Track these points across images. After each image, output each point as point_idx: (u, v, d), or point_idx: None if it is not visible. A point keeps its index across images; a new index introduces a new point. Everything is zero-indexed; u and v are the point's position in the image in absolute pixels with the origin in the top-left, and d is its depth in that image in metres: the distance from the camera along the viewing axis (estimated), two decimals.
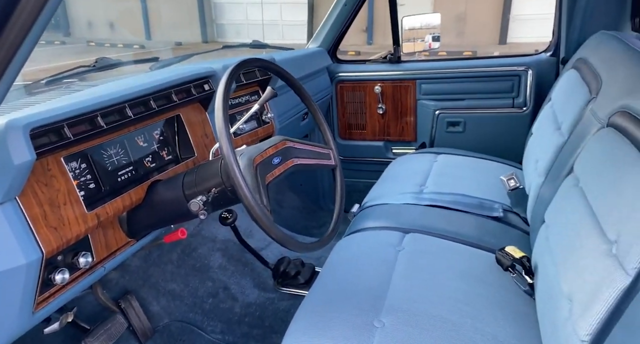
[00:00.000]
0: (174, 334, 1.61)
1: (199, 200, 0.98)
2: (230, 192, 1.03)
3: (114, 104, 1.04)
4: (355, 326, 1.02)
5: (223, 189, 1.03)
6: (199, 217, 0.99)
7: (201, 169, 1.10)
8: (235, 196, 1.04)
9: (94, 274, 1.05)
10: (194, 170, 1.11)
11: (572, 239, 0.93)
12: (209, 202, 0.99)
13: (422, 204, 1.63)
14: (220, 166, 1.05)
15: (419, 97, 2.46)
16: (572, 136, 1.35)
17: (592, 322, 0.73)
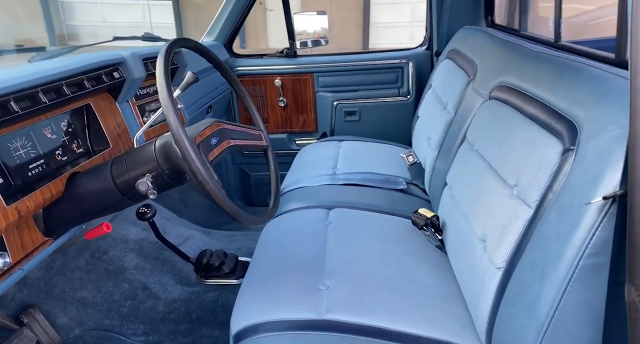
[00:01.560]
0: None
1: (146, 180, 0.95)
2: (167, 175, 1.01)
3: (26, 88, 0.95)
4: (303, 290, 1.08)
5: (160, 173, 1.01)
6: (149, 198, 0.96)
7: (131, 155, 1.05)
8: (174, 179, 1.02)
9: (12, 276, 0.94)
10: (123, 157, 1.06)
11: (477, 191, 1.12)
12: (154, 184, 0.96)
13: (337, 183, 1.76)
14: (154, 150, 1.03)
15: (317, 89, 2.59)
16: (458, 112, 1.58)
17: (506, 250, 0.90)
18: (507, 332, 0.83)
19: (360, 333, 0.96)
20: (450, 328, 0.99)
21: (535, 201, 0.85)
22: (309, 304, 1.04)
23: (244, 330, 1.00)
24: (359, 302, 1.04)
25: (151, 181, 0.96)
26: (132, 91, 1.46)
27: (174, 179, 1.03)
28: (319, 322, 0.99)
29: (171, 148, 1.00)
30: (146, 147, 1.05)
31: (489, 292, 0.92)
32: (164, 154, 1.01)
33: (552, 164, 0.83)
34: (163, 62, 0.92)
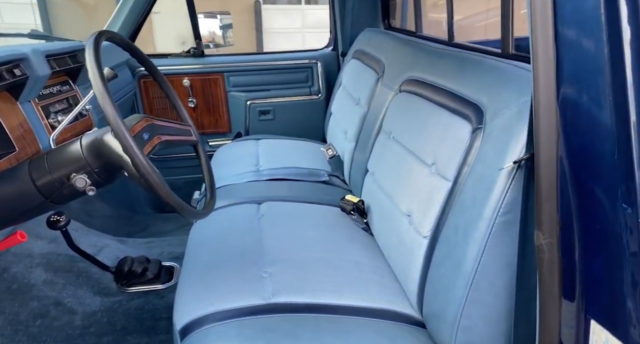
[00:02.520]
0: None
1: (83, 176, 0.89)
2: (98, 173, 0.96)
3: None
4: (245, 280, 1.10)
5: (89, 171, 0.96)
6: (87, 194, 0.90)
7: (53, 155, 0.98)
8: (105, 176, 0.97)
9: None
10: (42, 158, 0.98)
11: (399, 173, 1.24)
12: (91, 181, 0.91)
13: (263, 179, 1.78)
14: (81, 148, 0.97)
15: (229, 89, 2.58)
16: (371, 106, 1.71)
17: (430, 221, 1.01)
18: (437, 290, 0.94)
19: (306, 310, 1.01)
20: (384, 298, 1.08)
21: (452, 174, 0.97)
22: (253, 291, 1.06)
23: (189, 325, 0.99)
24: (302, 284, 1.09)
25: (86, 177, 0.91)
26: (35, 90, 1.34)
27: (106, 177, 0.98)
28: (266, 306, 1.01)
29: (103, 144, 0.95)
30: (70, 146, 0.99)
31: (418, 260, 1.03)
32: (94, 152, 0.96)
33: (465, 142, 0.96)
34: (93, 52, 0.88)
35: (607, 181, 0.61)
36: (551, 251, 0.69)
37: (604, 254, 0.64)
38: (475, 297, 0.84)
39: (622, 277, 0.62)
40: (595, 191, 0.63)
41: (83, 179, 0.90)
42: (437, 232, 0.99)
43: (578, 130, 0.63)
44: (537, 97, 0.63)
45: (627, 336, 0.63)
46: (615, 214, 0.60)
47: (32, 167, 0.96)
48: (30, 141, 1.25)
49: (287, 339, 0.92)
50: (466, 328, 0.85)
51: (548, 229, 0.68)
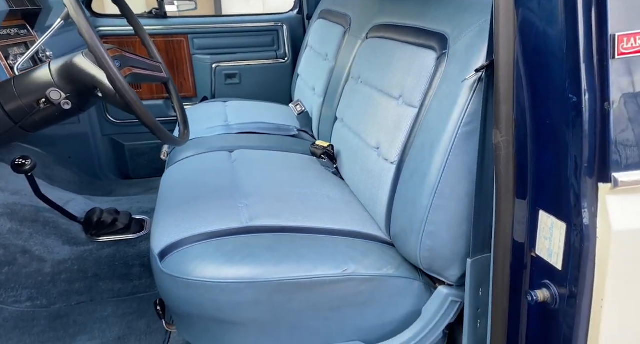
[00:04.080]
0: None
1: (57, 90, 0.89)
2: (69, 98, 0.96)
3: None
4: (223, 209, 1.13)
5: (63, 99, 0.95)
6: (62, 108, 0.90)
7: (20, 80, 0.97)
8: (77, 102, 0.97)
9: None
10: (10, 83, 0.97)
11: (367, 112, 1.30)
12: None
13: (232, 133, 1.80)
14: (50, 72, 0.96)
15: (193, 51, 2.55)
16: (339, 58, 1.76)
17: (398, 146, 1.09)
18: (404, 204, 1.01)
19: (283, 231, 1.06)
20: (355, 222, 1.15)
21: (419, 100, 1.05)
22: (231, 217, 1.10)
23: (168, 247, 1.02)
24: (277, 211, 1.14)
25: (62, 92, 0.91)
26: None
27: (78, 102, 0.98)
28: (244, 228, 1.06)
29: (74, 66, 0.95)
30: (38, 70, 0.98)
31: (386, 185, 1.11)
32: (65, 75, 0.95)
33: (430, 68, 1.03)
34: None
35: (556, 76, 0.69)
36: (507, 148, 0.77)
37: (553, 145, 0.73)
38: (439, 204, 0.92)
39: (567, 164, 0.71)
40: (546, 87, 0.71)
41: (57, 92, 0.90)
42: (404, 156, 1.06)
43: (532, 32, 0.71)
44: (496, 5, 0.70)
45: (569, 216, 0.72)
46: (563, 105, 0.69)
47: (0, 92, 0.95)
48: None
49: (265, 252, 0.97)
50: (430, 233, 0.93)
51: (505, 127, 0.76)
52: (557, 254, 0.77)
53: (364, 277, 0.98)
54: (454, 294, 0.98)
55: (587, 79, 0.65)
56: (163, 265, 0.97)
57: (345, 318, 1.00)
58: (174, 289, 0.95)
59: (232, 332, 0.96)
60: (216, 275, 0.92)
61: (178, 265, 0.96)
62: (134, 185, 2.48)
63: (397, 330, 1.02)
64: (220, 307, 0.93)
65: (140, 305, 1.42)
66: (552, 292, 0.78)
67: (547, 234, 0.78)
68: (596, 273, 0.72)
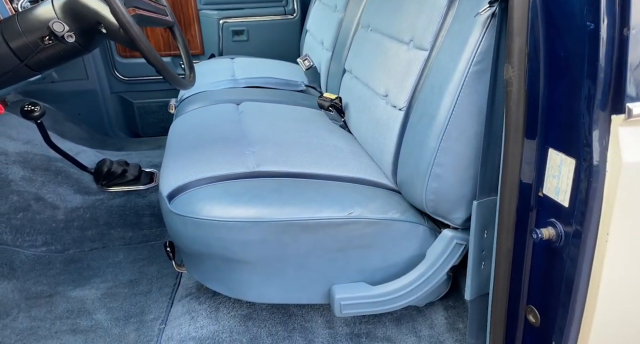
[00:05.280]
0: None
1: (60, 22, 0.88)
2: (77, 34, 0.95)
3: None
4: (230, 156, 1.14)
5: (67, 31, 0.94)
6: (66, 41, 0.89)
7: (23, 16, 0.96)
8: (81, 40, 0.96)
9: None
10: (13, 19, 0.96)
11: (377, 59, 1.27)
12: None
13: (240, 86, 1.79)
14: (53, 9, 0.95)
15: (200, 7, 2.50)
16: (348, 8, 1.71)
17: (407, 91, 1.07)
18: (411, 149, 1.01)
19: (289, 176, 1.07)
20: (361, 170, 1.15)
21: (430, 42, 1.02)
22: (238, 163, 1.10)
23: (176, 189, 1.03)
24: (284, 158, 1.14)
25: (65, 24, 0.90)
26: None
27: (84, 41, 0.97)
28: (250, 173, 1.06)
29: (77, 2, 0.93)
30: (40, 7, 0.96)
31: (393, 132, 1.10)
32: (68, 11, 0.94)
33: (442, 8, 1.00)
34: None
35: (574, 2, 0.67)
36: (519, 83, 0.76)
37: (566, 78, 0.71)
38: (446, 146, 0.91)
39: (579, 97, 0.69)
40: (562, 16, 0.69)
41: (60, 23, 0.89)
42: (412, 101, 1.04)
43: None
44: None
45: (578, 152, 0.71)
46: (579, 33, 0.66)
47: (5, 29, 0.94)
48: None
49: (273, 194, 0.98)
50: (437, 176, 0.93)
51: (517, 61, 0.74)
52: (564, 191, 0.76)
53: (369, 220, 0.99)
54: (458, 237, 0.99)
55: (606, 3, 0.62)
56: (172, 206, 0.99)
57: (350, 259, 1.01)
58: (183, 228, 0.97)
59: (239, 270, 0.98)
60: (224, 214, 0.94)
61: (186, 205, 0.97)
62: (143, 143, 2.50)
63: (401, 272, 1.04)
64: (228, 245, 0.94)
65: (150, 252, 1.45)
66: (557, 230, 0.78)
67: (555, 172, 0.78)
68: (603, 207, 0.72)
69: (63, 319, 1.18)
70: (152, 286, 1.29)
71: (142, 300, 1.23)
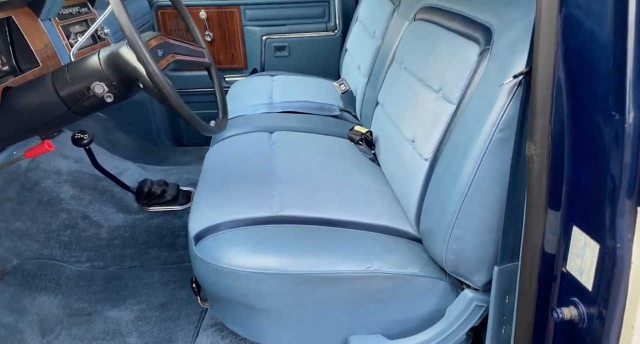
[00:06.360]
0: (30, 272, 1.47)
1: (102, 83, 0.95)
2: (115, 86, 1.01)
3: None
4: (256, 196, 1.17)
5: (107, 84, 1.01)
6: (106, 101, 0.96)
7: (73, 67, 1.03)
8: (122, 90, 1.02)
9: None
10: (64, 70, 1.03)
11: (406, 102, 1.26)
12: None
13: (275, 111, 1.82)
14: (99, 61, 1.01)
15: (245, 23, 2.56)
16: (386, 37, 1.70)
17: (432, 143, 1.05)
18: (433, 205, 0.99)
19: (311, 223, 1.08)
20: (385, 216, 1.15)
21: (457, 97, 1.00)
22: (263, 205, 1.13)
23: (203, 231, 1.08)
24: (309, 200, 1.16)
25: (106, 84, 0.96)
26: (54, 8, 1.37)
27: (122, 90, 1.03)
28: (274, 218, 1.09)
29: (119, 57, 0.99)
30: (89, 59, 1.03)
31: (418, 181, 1.08)
32: (111, 64, 1.00)
33: (471, 64, 0.97)
34: None
35: (599, 90, 0.63)
36: (541, 161, 0.73)
37: (592, 162, 0.67)
38: (468, 209, 0.89)
39: (605, 183, 0.66)
40: (587, 101, 0.66)
41: (101, 85, 0.95)
42: (437, 154, 1.03)
43: (576, 41, 0.65)
44: (539, 6, 0.64)
45: (603, 238, 0.68)
46: (605, 121, 0.63)
47: (55, 78, 1.02)
48: (52, 56, 1.30)
49: (291, 244, 1.01)
50: (458, 237, 0.92)
51: (540, 140, 0.71)
52: (588, 273, 0.73)
53: (388, 274, 0.99)
54: (479, 298, 0.97)
55: (634, 96, 0.59)
56: (197, 249, 1.04)
57: (368, 312, 1.02)
58: (206, 273, 1.02)
59: (258, 317, 1.02)
60: (244, 264, 0.97)
61: (210, 250, 1.02)
62: (186, 152, 2.60)
63: (420, 327, 1.03)
64: (247, 294, 0.98)
65: (183, 274, 1.52)
66: (580, 311, 0.75)
67: (579, 251, 0.74)
68: (628, 299, 0.68)
69: (99, 340, 1.26)
70: (182, 311, 1.36)
71: (171, 326, 1.30)
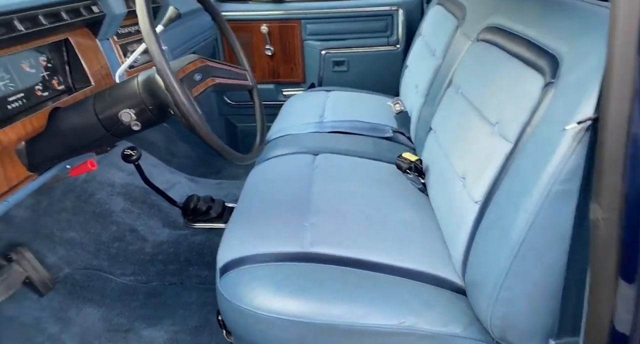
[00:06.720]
0: (79, 283, 1.52)
1: (129, 111, 0.94)
2: (151, 111, 1.00)
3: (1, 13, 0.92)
4: (288, 227, 1.11)
5: (143, 108, 1.00)
6: (132, 130, 0.95)
7: (113, 90, 1.04)
8: (158, 115, 1.01)
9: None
10: (105, 92, 1.04)
11: (460, 132, 1.14)
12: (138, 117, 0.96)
13: (324, 131, 1.76)
14: (137, 85, 1.01)
15: (305, 37, 2.53)
16: (446, 57, 1.57)
17: (484, 185, 0.92)
18: (480, 258, 0.87)
19: (341, 263, 1.00)
20: (426, 260, 1.03)
21: (514, 135, 0.87)
22: (293, 239, 1.07)
23: (229, 263, 1.04)
24: (342, 236, 1.08)
25: (134, 112, 0.95)
26: (112, 28, 1.41)
27: (158, 114, 1.02)
28: (303, 254, 1.02)
29: (154, 82, 0.98)
30: (129, 82, 1.03)
31: (466, 225, 0.96)
32: (147, 89, 0.99)
33: (533, 98, 0.84)
34: None
35: None
36: (609, 227, 0.59)
37: None
38: (519, 269, 0.76)
39: None
40: None
41: (128, 113, 0.95)
42: (488, 198, 0.90)
43: None
44: (612, 43, 0.52)
45: None
46: None
47: (96, 100, 1.03)
48: (105, 76, 1.34)
49: (317, 288, 0.93)
50: (506, 301, 0.79)
51: (608, 202, 0.58)
52: None
53: (423, 333, 0.88)
54: None
55: None
56: (221, 284, 0.99)
57: None
58: (228, 311, 0.97)
59: None
60: (265, 306, 0.91)
61: (233, 287, 0.97)
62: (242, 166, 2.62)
63: None
64: (267, 338, 0.92)
65: None
66: None
67: None
68: None
69: None
70: (212, 338, 1.33)
71: None
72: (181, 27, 1.91)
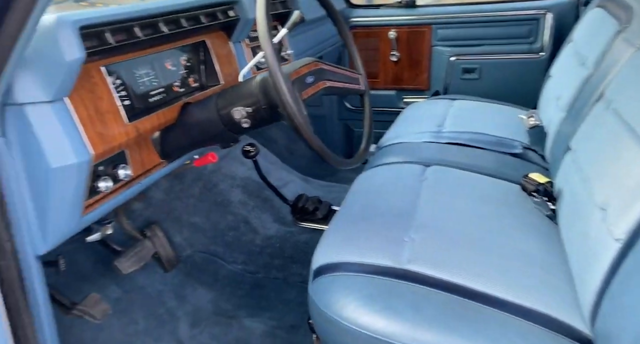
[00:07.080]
0: (197, 264, 1.66)
1: (241, 109, 0.99)
2: (264, 110, 1.04)
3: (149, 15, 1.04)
4: (386, 240, 1.06)
5: (258, 107, 1.04)
6: (242, 126, 1.00)
7: (234, 89, 1.10)
8: (270, 114, 1.05)
9: (133, 188, 1.07)
10: (227, 90, 1.11)
11: (606, 154, 0.96)
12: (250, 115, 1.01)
13: (441, 142, 1.65)
14: (255, 84, 1.06)
15: (434, 43, 2.42)
16: (600, 67, 1.34)
17: (630, 220, 0.76)
18: (616, 310, 0.71)
19: (440, 287, 0.91)
20: (546, 299, 0.89)
21: None
22: (390, 252, 1.01)
23: (323, 267, 1.02)
24: (444, 258, 0.98)
25: (247, 111, 1.00)
26: (245, 32, 1.51)
27: (271, 114, 1.05)
28: (397, 270, 0.96)
29: (268, 82, 1.02)
30: (248, 82, 1.09)
31: (602, 265, 0.80)
32: (263, 89, 1.03)
33: None
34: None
35: None
36: None
37: None
38: None
39: None
40: None
41: (240, 111, 0.99)
42: (633, 238, 0.73)
43: None
44: None
45: None
46: None
47: (219, 97, 1.10)
48: (234, 77, 1.43)
49: (408, 309, 0.86)
50: None
51: None
52: None
53: None
54: None
55: None
56: (313, 286, 0.98)
57: None
58: (316, 315, 0.96)
59: None
60: (352, 318, 0.87)
61: (324, 292, 0.95)
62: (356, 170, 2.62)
63: None
64: None
65: None
66: None
67: None
68: None
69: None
70: (305, 339, 1.34)
71: None
72: (309, 33, 1.97)
